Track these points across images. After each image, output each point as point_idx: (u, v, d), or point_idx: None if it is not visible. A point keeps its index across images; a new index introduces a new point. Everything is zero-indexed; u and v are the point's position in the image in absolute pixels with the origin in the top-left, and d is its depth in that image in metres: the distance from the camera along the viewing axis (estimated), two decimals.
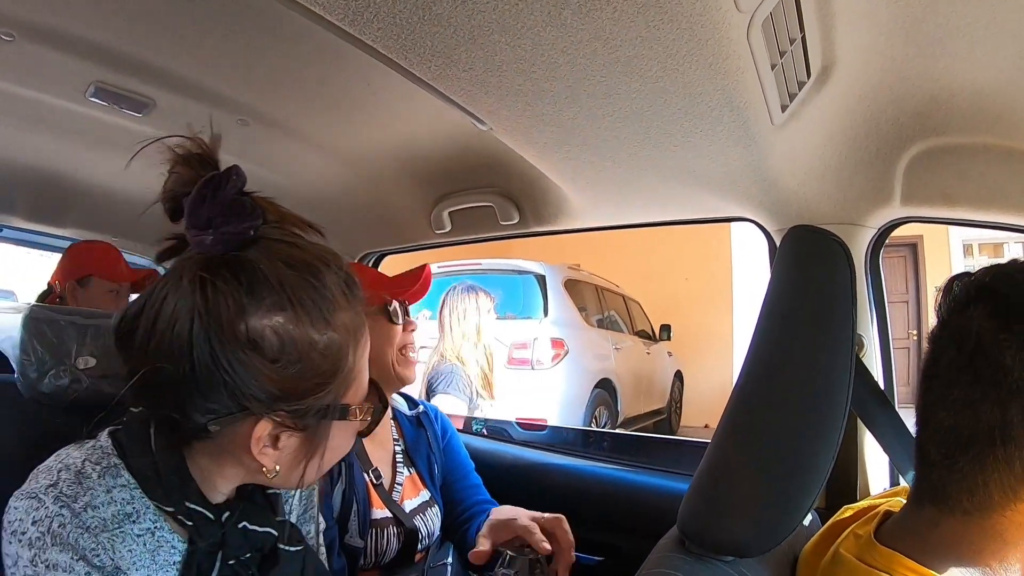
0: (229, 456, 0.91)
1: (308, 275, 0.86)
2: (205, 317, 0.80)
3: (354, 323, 0.91)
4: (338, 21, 0.96)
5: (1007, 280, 0.85)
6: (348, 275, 0.92)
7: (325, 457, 0.93)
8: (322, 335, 0.86)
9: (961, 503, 0.85)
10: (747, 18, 0.96)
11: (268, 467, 0.89)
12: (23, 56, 1.41)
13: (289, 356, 0.84)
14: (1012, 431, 0.81)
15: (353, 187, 2.16)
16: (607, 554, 1.98)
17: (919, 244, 9.97)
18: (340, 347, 0.88)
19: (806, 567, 1.02)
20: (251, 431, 0.85)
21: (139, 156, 0.95)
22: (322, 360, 0.86)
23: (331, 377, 0.88)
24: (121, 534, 0.85)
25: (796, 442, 0.94)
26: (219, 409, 0.83)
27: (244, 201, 0.86)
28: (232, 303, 0.81)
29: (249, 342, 0.81)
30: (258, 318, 0.82)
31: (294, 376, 0.84)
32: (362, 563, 1.61)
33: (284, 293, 0.83)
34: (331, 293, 0.87)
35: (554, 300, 7.10)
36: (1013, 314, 0.81)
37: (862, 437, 1.59)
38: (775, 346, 1.03)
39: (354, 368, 0.91)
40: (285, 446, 0.89)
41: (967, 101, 1.28)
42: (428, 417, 1.92)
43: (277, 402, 0.84)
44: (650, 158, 1.42)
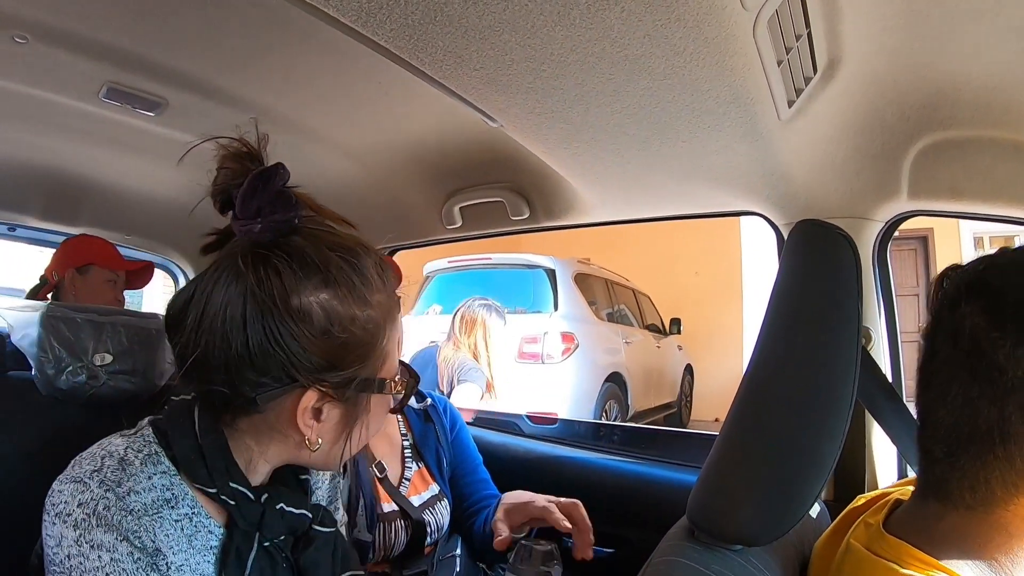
0: (274, 433, 0.97)
1: (349, 257, 0.94)
2: (259, 294, 0.88)
3: (388, 303, 0.99)
4: (350, 22, 0.97)
5: (999, 275, 0.84)
6: (381, 260, 1.00)
7: (363, 432, 1.00)
8: (362, 312, 0.94)
9: (964, 499, 0.86)
10: (753, 16, 0.97)
11: (312, 439, 0.95)
12: (37, 58, 1.43)
13: (335, 329, 0.91)
14: (1011, 429, 0.81)
15: (365, 184, 2.17)
16: (618, 545, 1.99)
17: (929, 237, 9.92)
18: (377, 323, 0.96)
19: (820, 560, 1.03)
20: (297, 402, 0.92)
21: (152, 156, 1.00)
22: (363, 334, 0.94)
23: (370, 350, 0.95)
24: (160, 519, 0.90)
25: (802, 434, 0.95)
26: (269, 382, 0.90)
27: (289, 193, 0.94)
28: (282, 281, 0.89)
29: (299, 315, 0.89)
30: (306, 295, 0.90)
31: (339, 348, 0.92)
32: (371, 557, 1.62)
33: (329, 273, 0.92)
34: (369, 275, 0.95)
35: (564, 294, 7.10)
36: (1006, 311, 0.81)
37: (870, 429, 1.60)
38: (781, 340, 1.04)
39: (388, 344, 0.99)
40: (327, 418, 0.96)
41: (974, 95, 1.28)
42: (436, 410, 1.92)
43: (323, 373, 0.92)
44: (658, 153, 1.42)
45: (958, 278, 0.88)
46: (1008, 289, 0.82)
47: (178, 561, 0.90)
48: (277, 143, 1.88)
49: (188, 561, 0.91)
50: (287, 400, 0.93)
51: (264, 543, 0.98)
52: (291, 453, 1.00)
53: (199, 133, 1.81)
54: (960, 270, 0.90)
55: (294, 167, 2.06)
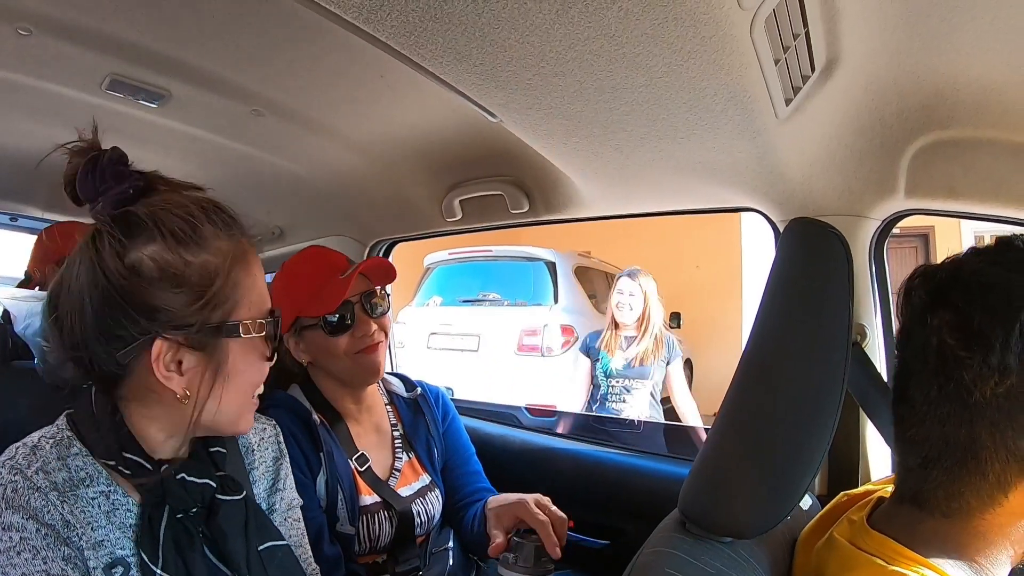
0: (151, 394, 1.01)
1: (179, 211, 1.00)
2: (95, 260, 0.96)
3: (233, 248, 1.03)
4: (352, 19, 0.98)
5: (964, 289, 0.85)
6: (227, 213, 1.06)
7: (233, 381, 1.03)
8: (196, 257, 0.99)
9: (940, 507, 0.87)
10: (750, 15, 0.97)
11: (178, 392, 0.99)
12: (40, 50, 1.44)
13: (166, 277, 0.97)
14: (981, 446, 0.83)
15: (366, 176, 2.18)
16: (613, 537, 2.01)
17: (930, 235, 9.91)
18: (216, 267, 1.00)
19: (803, 551, 1.04)
20: (152, 355, 0.97)
21: (155, 146, 1.05)
22: (199, 278, 0.98)
23: (212, 293, 0.99)
24: (74, 496, 0.95)
25: (792, 429, 0.97)
26: (123, 341, 0.96)
27: (122, 169, 1.02)
28: (112, 244, 0.96)
29: (131, 271, 0.95)
30: (135, 251, 0.96)
31: (173, 293, 0.97)
32: (357, 549, 1.62)
33: (157, 227, 0.97)
34: (202, 222, 1.01)
35: (564, 287, 7.10)
36: (971, 329, 0.82)
37: (864, 424, 1.61)
38: (774, 336, 1.05)
39: (239, 287, 1.03)
40: (188, 369, 1.00)
41: (973, 95, 1.28)
42: (427, 400, 1.91)
43: (165, 320, 0.97)
44: (656, 150, 1.43)
45: (926, 287, 0.89)
46: (975, 305, 0.83)
47: (98, 536, 0.96)
48: (279, 135, 1.90)
49: (108, 536, 0.97)
50: (144, 356, 0.97)
51: (177, 515, 1.03)
52: (178, 415, 1.02)
53: (202, 125, 1.83)
54: (928, 275, 0.90)
55: (296, 158, 2.08)
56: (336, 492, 1.59)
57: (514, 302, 7.29)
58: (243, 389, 1.07)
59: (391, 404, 1.87)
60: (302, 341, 1.68)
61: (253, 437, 1.25)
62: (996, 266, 0.85)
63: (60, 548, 0.92)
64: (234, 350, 1.03)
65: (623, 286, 4.28)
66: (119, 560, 0.97)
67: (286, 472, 1.28)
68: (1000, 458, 0.83)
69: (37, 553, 0.90)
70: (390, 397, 1.88)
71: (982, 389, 0.81)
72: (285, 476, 1.28)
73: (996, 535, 0.86)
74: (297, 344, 1.68)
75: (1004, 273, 0.83)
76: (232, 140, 1.96)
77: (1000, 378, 0.80)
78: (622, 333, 4.26)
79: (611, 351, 4.22)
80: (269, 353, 1.09)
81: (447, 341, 7.15)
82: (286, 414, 1.60)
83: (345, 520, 1.59)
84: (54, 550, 0.91)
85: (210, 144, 1.96)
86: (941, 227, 9.62)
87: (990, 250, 0.88)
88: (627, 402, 4.15)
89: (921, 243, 9.94)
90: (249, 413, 1.11)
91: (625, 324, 4.24)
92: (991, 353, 0.80)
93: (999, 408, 0.81)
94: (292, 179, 2.25)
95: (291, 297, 1.66)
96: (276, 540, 1.16)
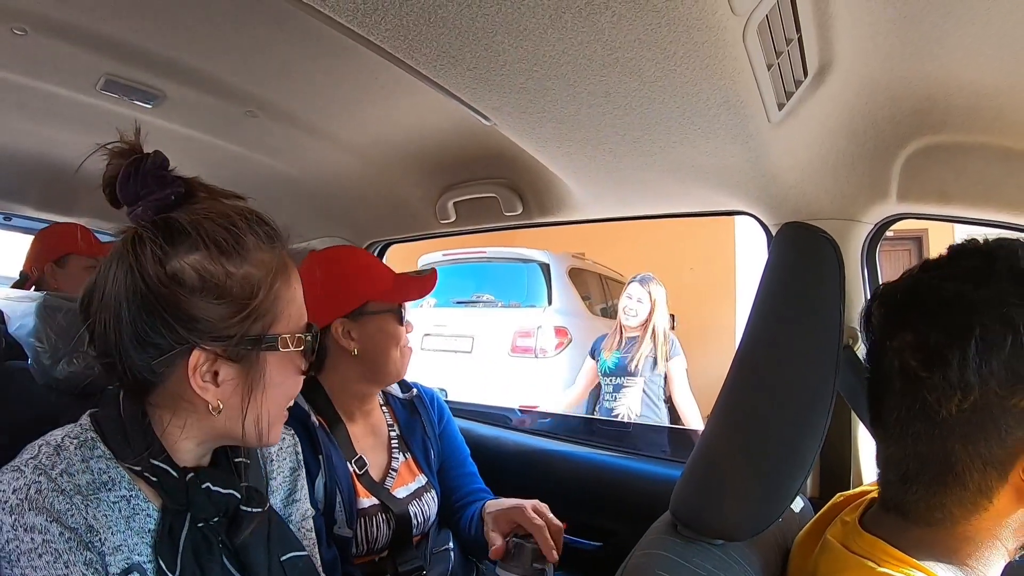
0: (182, 402, 1.01)
1: (222, 220, 1.00)
2: (135, 267, 0.95)
3: (275, 261, 1.04)
4: (346, 22, 0.98)
5: (921, 309, 0.85)
6: (270, 225, 1.06)
7: (268, 394, 1.03)
8: (238, 268, 0.99)
9: (923, 518, 0.89)
10: (743, 21, 0.98)
11: (212, 403, 0.99)
12: (35, 50, 1.44)
13: (208, 287, 0.96)
14: (957, 459, 0.84)
15: (360, 177, 2.19)
16: (606, 538, 2.01)
17: (924, 237, 9.92)
18: (259, 279, 1.00)
19: (799, 555, 1.05)
20: (188, 365, 0.97)
21: (149, 147, 1.05)
22: (241, 290, 0.98)
23: (253, 306, 0.99)
24: (96, 500, 0.95)
25: (783, 431, 0.97)
26: (159, 348, 0.96)
27: (163, 174, 1.01)
28: (154, 250, 0.95)
29: (173, 279, 0.95)
30: (178, 260, 0.96)
31: (214, 304, 0.96)
32: (355, 551, 1.63)
33: (200, 236, 0.97)
34: (245, 234, 1.01)
35: (558, 289, 7.10)
36: (931, 348, 0.83)
37: (856, 427, 1.61)
38: (765, 339, 1.06)
39: (279, 300, 1.03)
40: (224, 380, 1.00)
41: (965, 100, 1.29)
42: (423, 402, 1.93)
43: (205, 330, 0.96)
44: (650, 153, 1.44)
45: (884, 309, 0.90)
46: (932, 324, 0.84)
47: (116, 541, 0.95)
48: (273, 136, 1.90)
49: (127, 541, 0.96)
50: (180, 365, 0.97)
51: (198, 524, 1.02)
52: (208, 425, 1.03)
53: (197, 126, 1.83)
54: (885, 296, 0.91)
55: (290, 159, 2.09)
56: (334, 495, 1.60)
57: (508, 303, 7.28)
58: (277, 402, 1.07)
59: (387, 405, 1.89)
60: (361, 328, 1.71)
61: (273, 448, 1.25)
62: (949, 280, 0.85)
63: (82, 553, 0.91)
64: (271, 363, 1.03)
65: (632, 291, 4.47)
66: (135, 566, 0.96)
67: (302, 483, 1.28)
68: (977, 467, 0.83)
69: (59, 557, 0.89)
70: (386, 398, 1.89)
71: (947, 407, 0.82)
72: (301, 487, 1.28)
73: (984, 537, 0.87)
74: (350, 331, 1.70)
75: (957, 287, 0.84)
76: (226, 141, 1.96)
77: (963, 395, 0.81)
78: (626, 335, 4.44)
79: (608, 351, 4.43)
80: (305, 367, 1.09)
81: (441, 342, 7.14)
82: None
83: (343, 523, 1.60)
84: (76, 554, 0.91)
85: (204, 145, 1.96)
86: (935, 230, 9.62)
87: (943, 263, 0.89)
88: (619, 400, 4.31)
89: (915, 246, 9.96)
90: (279, 425, 1.10)
91: (629, 327, 4.42)
92: (950, 371, 0.81)
93: (968, 422, 0.82)
94: (286, 180, 2.25)
95: (367, 284, 1.72)
96: (298, 551, 1.16)
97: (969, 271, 0.85)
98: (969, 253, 0.87)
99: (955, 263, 0.87)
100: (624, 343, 4.44)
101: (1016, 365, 0.80)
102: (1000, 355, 0.80)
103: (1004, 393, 0.80)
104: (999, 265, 0.84)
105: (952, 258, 0.88)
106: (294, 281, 1.07)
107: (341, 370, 1.73)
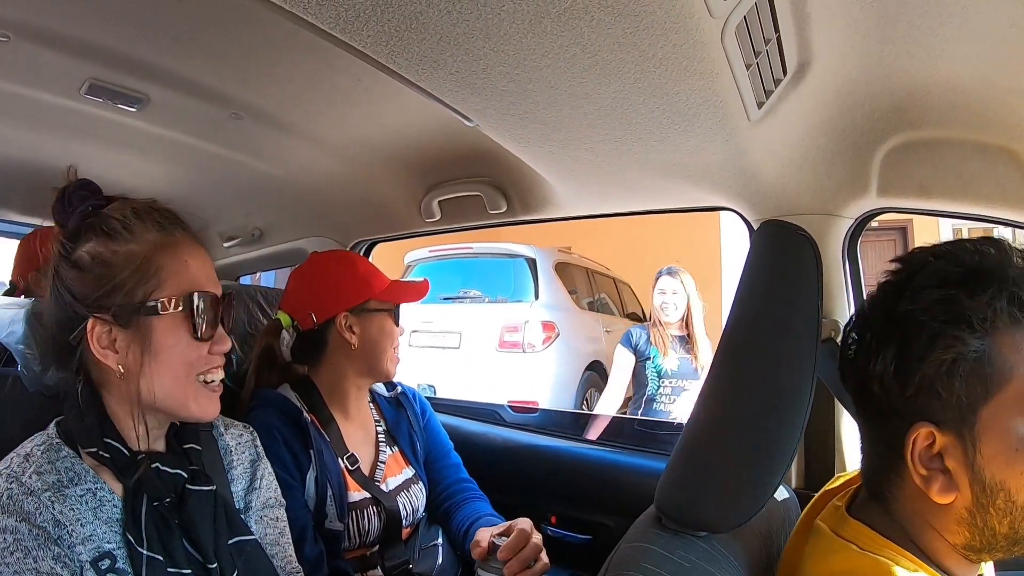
0: (104, 375, 1.15)
1: (117, 214, 1.15)
2: (53, 266, 1.15)
3: (163, 240, 1.16)
4: (329, 28, 0.99)
5: (906, 324, 0.88)
6: (165, 214, 1.20)
7: (162, 357, 1.13)
8: (124, 247, 1.13)
9: (895, 509, 0.92)
10: (721, 23, 0.99)
11: (114, 368, 1.11)
12: (19, 55, 1.44)
13: (96, 265, 1.12)
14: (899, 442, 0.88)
15: (345, 178, 2.20)
16: (595, 532, 2.03)
17: (908, 228, 9.98)
18: (141, 255, 1.13)
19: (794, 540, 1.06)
20: (90, 336, 1.11)
21: (134, 151, 1.14)
22: (123, 263, 1.12)
23: (133, 276, 1.12)
24: (62, 496, 1.04)
25: (763, 424, 0.99)
26: (70, 325, 1.12)
27: (85, 193, 1.18)
28: (63, 250, 1.14)
29: (73, 266, 1.13)
30: (78, 250, 1.13)
31: (99, 276, 1.11)
32: (347, 544, 1.67)
33: (94, 229, 1.14)
34: (133, 221, 1.15)
35: (545, 283, 7.11)
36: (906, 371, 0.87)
37: (839, 418, 1.64)
38: (745, 335, 1.08)
39: (162, 270, 1.14)
40: (120, 347, 1.12)
41: (942, 97, 1.31)
42: (407, 398, 2.00)
43: (94, 302, 1.11)
44: (631, 152, 1.45)
45: (871, 334, 0.93)
46: (906, 342, 0.88)
47: (86, 532, 1.04)
48: (258, 138, 1.90)
49: (96, 531, 1.05)
50: (86, 338, 1.11)
51: (154, 503, 1.11)
52: (129, 394, 1.13)
53: (181, 129, 1.84)
54: (868, 317, 0.95)
55: (275, 161, 2.09)
56: (325, 489, 1.63)
57: (495, 299, 7.29)
58: (175, 366, 1.15)
59: (373, 402, 1.94)
60: (363, 323, 1.79)
61: (231, 441, 1.35)
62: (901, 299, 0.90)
63: (51, 548, 0.99)
64: (157, 327, 1.13)
65: (665, 285, 4.05)
66: (106, 553, 1.05)
67: (262, 473, 1.36)
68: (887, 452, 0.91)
69: (28, 553, 0.97)
70: (372, 396, 1.94)
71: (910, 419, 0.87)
72: (262, 477, 1.35)
73: (920, 522, 0.90)
74: (352, 325, 1.77)
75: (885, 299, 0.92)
76: (211, 143, 1.96)
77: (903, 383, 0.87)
78: (670, 333, 4.04)
79: (664, 351, 3.98)
80: (199, 333, 1.17)
81: (428, 339, 7.15)
82: (275, 412, 1.66)
83: (334, 516, 1.63)
84: (44, 550, 0.99)
85: (190, 148, 1.96)
86: (919, 221, 9.71)
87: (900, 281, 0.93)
88: (676, 404, 3.93)
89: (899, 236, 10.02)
90: (198, 397, 1.18)
91: (669, 323, 4.03)
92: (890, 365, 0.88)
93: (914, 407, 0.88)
94: (271, 181, 2.25)
95: (370, 283, 1.81)
96: (245, 535, 1.23)
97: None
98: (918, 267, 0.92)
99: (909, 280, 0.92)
100: (675, 341, 4.01)
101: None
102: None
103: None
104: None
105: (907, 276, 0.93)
106: (184, 255, 1.18)
107: (337, 365, 1.79)
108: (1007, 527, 0.86)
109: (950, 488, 0.86)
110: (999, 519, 0.85)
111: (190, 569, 1.11)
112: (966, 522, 0.87)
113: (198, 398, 1.18)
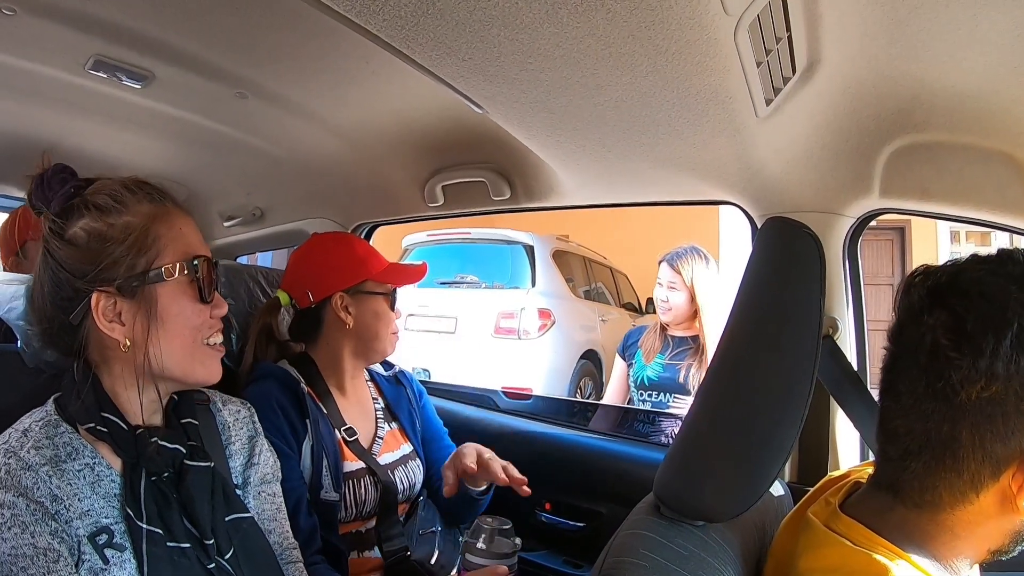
0: (107, 351, 1.15)
1: (106, 190, 1.16)
2: (46, 246, 1.16)
3: (156, 210, 1.18)
4: (343, 11, 0.99)
5: (962, 294, 0.86)
6: (154, 188, 1.22)
7: (169, 325, 1.16)
8: (118, 219, 1.14)
9: (913, 497, 0.91)
10: (734, 20, 1.00)
11: (121, 341, 1.12)
12: (24, 29, 1.43)
13: (92, 239, 1.13)
14: (961, 445, 0.85)
15: (349, 160, 2.19)
16: (589, 519, 2.05)
17: (907, 228, 10.02)
18: (138, 226, 1.14)
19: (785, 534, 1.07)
20: (95, 311, 1.11)
21: (138, 128, 1.14)
22: (122, 235, 1.13)
23: (133, 247, 1.13)
24: (60, 471, 1.04)
25: (763, 417, 1.00)
26: (71, 303, 1.13)
27: (64, 176, 1.19)
28: (55, 228, 1.14)
29: (68, 243, 1.13)
30: (71, 227, 1.14)
31: (98, 251, 1.12)
32: (343, 515, 1.68)
33: (85, 206, 1.15)
34: (124, 194, 1.16)
35: (542, 270, 7.13)
36: (965, 332, 0.84)
37: (835, 415, 1.66)
38: (747, 329, 1.09)
39: (161, 238, 1.16)
40: (127, 318, 1.13)
41: (948, 102, 1.32)
42: (405, 377, 2.03)
43: (96, 275, 1.12)
44: (638, 144, 1.46)
45: (925, 285, 0.91)
46: (971, 310, 0.85)
47: (84, 507, 1.05)
48: (262, 118, 1.90)
49: (93, 506, 1.06)
50: (90, 314, 1.12)
51: (152, 477, 1.13)
52: (133, 366, 1.14)
53: (186, 107, 1.83)
54: (928, 275, 0.92)
55: (279, 141, 2.09)
56: (321, 459, 1.65)
57: (492, 285, 7.30)
58: (182, 332, 1.17)
59: (371, 381, 1.97)
60: (358, 304, 1.81)
61: (229, 417, 1.36)
62: (995, 276, 0.87)
63: (48, 523, 1.00)
64: (162, 294, 1.15)
65: (661, 276, 3.12)
66: (104, 528, 1.05)
67: (260, 449, 1.37)
68: (976, 458, 0.85)
69: (26, 528, 0.98)
70: (370, 375, 1.97)
71: (968, 391, 0.83)
72: (259, 452, 1.36)
73: (963, 531, 0.90)
74: (348, 305, 1.79)
75: (1003, 284, 0.85)
76: (215, 122, 1.96)
77: (987, 383, 0.83)
78: (669, 333, 3.13)
79: (647, 354, 3.14)
80: (201, 296, 1.19)
81: (424, 323, 7.16)
82: (275, 383, 1.69)
83: (329, 487, 1.65)
84: (42, 525, 0.99)
85: (193, 125, 1.96)
86: (917, 221, 9.73)
87: (991, 260, 0.90)
88: (657, 425, 2.71)
89: (897, 236, 10.06)
90: (204, 360, 1.21)
91: (668, 323, 3.12)
92: (980, 358, 0.82)
93: (981, 411, 0.84)
94: (274, 161, 2.25)
95: (367, 265, 1.84)
96: (241, 512, 1.24)
97: (1014, 276, 0.87)
98: (1017, 260, 0.89)
99: (1003, 264, 0.89)
100: (670, 342, 3.10)
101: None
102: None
103: (1023, 394, 0.83)
104: None
105: (1000, 259, 0.90)
106: (178, 223, 1.20)
107: (333, 344, 1.82)
108: None
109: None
110: None
111: (188, 544, 1.12)
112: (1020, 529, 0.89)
113: (205, 361, 1.21)
